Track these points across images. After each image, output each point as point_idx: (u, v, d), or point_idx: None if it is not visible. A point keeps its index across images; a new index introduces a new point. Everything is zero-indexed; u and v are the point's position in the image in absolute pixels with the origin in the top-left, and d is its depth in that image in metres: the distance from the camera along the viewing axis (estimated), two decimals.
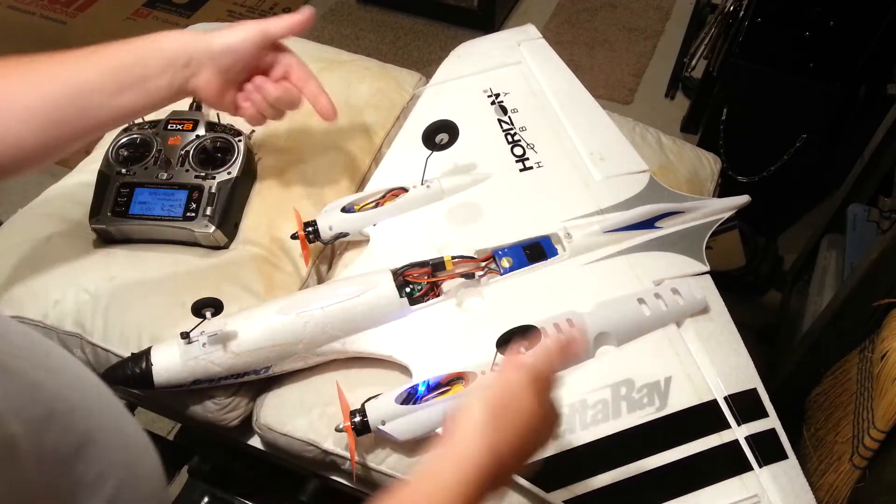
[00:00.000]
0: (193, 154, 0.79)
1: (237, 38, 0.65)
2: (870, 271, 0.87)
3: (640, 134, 0.93)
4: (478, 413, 0.43)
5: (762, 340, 1.45)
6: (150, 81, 0.61)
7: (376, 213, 0.75)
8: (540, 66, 0.89)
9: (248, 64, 0.66)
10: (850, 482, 0.85)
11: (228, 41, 0.64)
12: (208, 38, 0.64)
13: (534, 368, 0.46)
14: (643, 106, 1.97)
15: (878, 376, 0.80)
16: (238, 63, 0.65)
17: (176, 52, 0.62)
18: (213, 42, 0.64)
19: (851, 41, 1.25)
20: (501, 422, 0.43)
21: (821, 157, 1.40)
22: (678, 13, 2.21)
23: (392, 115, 0.93)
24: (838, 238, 1.29)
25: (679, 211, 0.75)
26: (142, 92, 0.61)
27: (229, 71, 0.65)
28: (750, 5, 1.33)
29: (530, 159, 0.80)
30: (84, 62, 0.60)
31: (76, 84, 0.59)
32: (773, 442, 0.62)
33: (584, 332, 0.61)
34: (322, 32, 2.20)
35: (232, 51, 0.64)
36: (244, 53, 0.65)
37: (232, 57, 0.65)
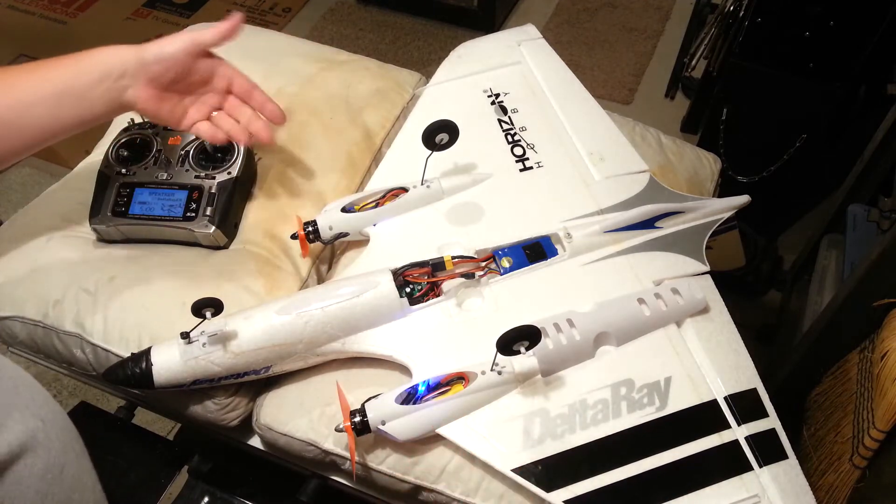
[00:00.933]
0: (193, 154, 0.79)
1: (169, 47, 0.66)
2: (870, 271, 0.87)
3: (640, 134, 0.93)
4: None
5: (762, 340, 1.45)
6: (87, 94, 0.63)
7: (376, 213, 0.75)
8: (540, 66, 0.89)
9: (182, 73, 0.67)
10: (850, 482, 0.85)
11: (160, 50, 0.65)
12: (140, 49, 0.65)
13: None
14: (643, 106, 1.97)
15: (878, 376, 0.80)
16: (170, 71, 0.66)
17: (110, 64, 0.64)
18: (145, 52, 0.65)
19: (851, 41, 1.25)
20: None
21: (821, 157, 1.40)
22: (678, 13, 2.21)
23: (392, 115, 0.93)
24: (838, 238, 1.29)
25: (679, 211, 0.75)
26: (79, 105, 0.63)
27: (163, 80, 0.66)
28: (750, 5, 1.33)
29: (530, 159, 0.80)
30: (24, 77, 0.62)
31: (16, 98, 0.60)
32: (773, 442, 0.62)
33: None
34: (322, 32, 2.20)
35: (164, 59, 0.65)
36: (176, 62, 0.66)
37: (164, 65, 0.66)
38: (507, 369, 0.61)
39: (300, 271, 0.77)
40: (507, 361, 0.62)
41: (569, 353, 0.64)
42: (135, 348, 0.68)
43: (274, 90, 0.92)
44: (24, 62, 2.06)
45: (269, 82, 0.93)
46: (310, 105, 0.91)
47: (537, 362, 0.62)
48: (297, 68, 0.95)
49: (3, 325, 0.74)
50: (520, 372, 0.62)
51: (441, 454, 0.64)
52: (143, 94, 0.66)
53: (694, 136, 1.74)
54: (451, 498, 0.64)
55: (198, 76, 0.69)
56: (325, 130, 0.88)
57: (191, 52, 0.67)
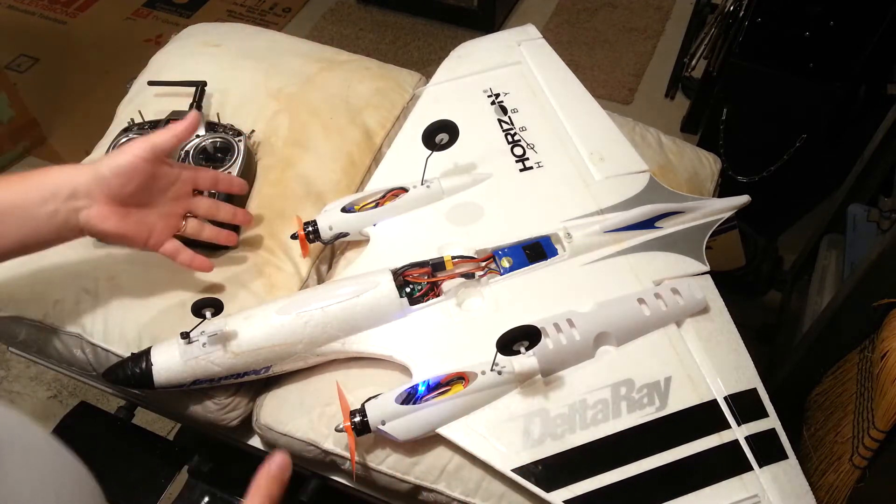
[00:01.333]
0: (193, 154, 0.79)
1: (126, 159, 0.62)
2: (870, 271, 0.87)
3: (640, 134, 0.93)
4: None
5: (762, 340, 1.45)
6: (32, 214, 0.58)
7: (376, 213, 0.75)
8: (540, 66, 0.89)
9: (143, 183, 0.63)
10: (850, 482, 0.85)
11: (117, 163, 0.61)
12: (94, 166, 0.61)
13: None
14: (643, 106, 1.97)
15: (878, 376, 0.80)
16: (130, 183, 0.62)
17: (57, 183, 0.59)
18: (100, 168, 0.61)
19: (851, 41, 1.25)
20: None
21: (821, 157, 1.40)
22: (678, 13, 2.21)
23: (392, 115, 0.93)
24: (838, 238, 1.29)
25: (679, 211, 0.75)
26: (23, 226, 0.58)
27: (123, 194, 0.62)
28: (750, 5, 1.33)
29: (530, 159, 0.80)
30: None
31: None
32: (773, 442, 0.62)
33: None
34: (322, 32, 2.20)
35: (121, 171, 0.61)
36: (136, 172, 0.62)
37: (123, 178, 0.62)
38: (507, 369, 0.61)
39: (300, 271, 0.77)
40: (507, 361, 0.62)
41: (569, 353, 0.64)
42: (135, 348, 0.68)
43: (274, 90, 0.92)
44: (24, 62, 2.06)
45: (269, 82, 0.93)
46: (310, 105, 0.91)
47: (537, 362, 0.62)
48: (297, 68, 0.95)
49: (4, 324, 0.74)
50: (520, 372, 0.62)
51: (441, 454, 0.64)
52: (102, 213, 0.61)
53: (694, 136, 1.74)
54: (452, 498, 0.64)
55: (159, 184, 0.65)
56: (325, 130, 0.88)
57: (149, 160, 0.63)
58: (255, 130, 0.87)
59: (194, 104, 0.87)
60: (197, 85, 0.88)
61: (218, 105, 0.90)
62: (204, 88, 0.88)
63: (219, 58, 0.96)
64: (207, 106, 0.89)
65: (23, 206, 0.58)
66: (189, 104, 0.87)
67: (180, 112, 0.84)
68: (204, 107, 0.88)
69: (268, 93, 0.92)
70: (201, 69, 0.93)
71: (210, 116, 0.87)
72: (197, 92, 0.88)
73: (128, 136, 0.81)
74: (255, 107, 0.90)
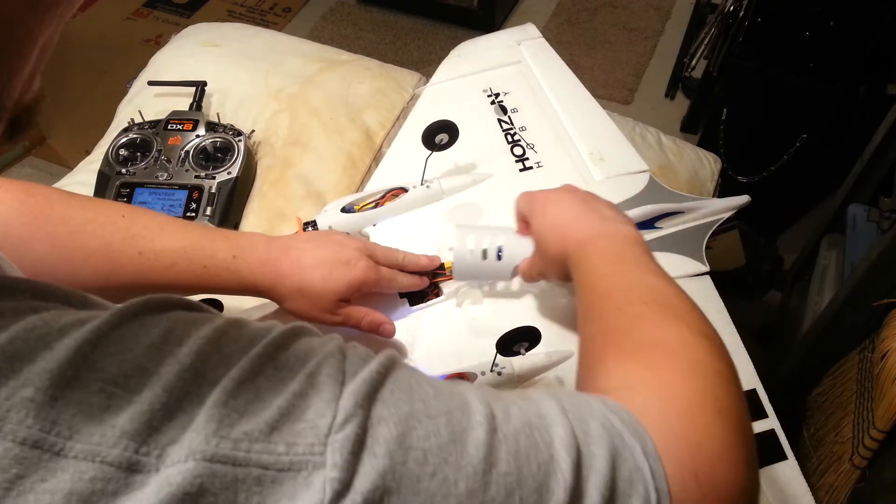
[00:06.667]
0: (193, 154, 0.79)
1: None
2: (870, 271, 0.87)
3: (640, 134, 0.93)
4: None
5: (762, 340, 1.45)
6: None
7: (376, 213, 0.75)
8: (540, 66, 0.89)
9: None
10: (850, 482, 0.85)
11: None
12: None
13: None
14: (643, 106, 1.97)
15: (878, 376, 0.80)
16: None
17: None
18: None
19: (851, 41, 1.25)
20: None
21: (821, 157, 1.40)
22: (678, 13, 2.21)
23: (392, 115, 0.93)
24: (838, 238, 1.29)
25: (679, 211, 0.75)
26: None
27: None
28: (750, 5, 1.33)
29: (530, 159, 0.80)
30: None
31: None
32: (772, 442, 0.62)
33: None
34: (322, 32, 2.20)
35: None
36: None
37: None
38: (506, 370, 0.61)
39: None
40: (506, 362, 0.61)
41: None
42: None
43: (274, 90, 0.92)
44: None
45: (269, 82, 0.93)
46: (310, 105, 0.91)
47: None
48: (297, 68, 0.95)
49: None
50: (520, 373, 0.62)
51: None
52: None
53: (694, 136, 1.74)
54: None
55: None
56: (325, 130, 0.88)
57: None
58: (255, 130, 0.87)
59: (194, 104, 0.87)
60: (197, 85, 0.88)
61: (218, 105, 0.90)
62: (204, 88, 0.88)
63: (219, 58, 0.96)
64: (207, 106, 0.89)
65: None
66: (189, 104, 0.87)
67: (180, 112, 0.84)
68: (204, 107, 0.88)
69: (268, 93, 0.92)
70: (201, 69, 0.93)
71: (210, 116, 0.87)
72: (197, 92, 0.88)
73: (127, 135, 0.81)
74: (255, 107, 0.90)
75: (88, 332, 0.24)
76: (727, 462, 0.32)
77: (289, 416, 0.25)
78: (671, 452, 0.30)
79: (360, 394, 0.26)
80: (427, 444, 0.26)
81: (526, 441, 0.28)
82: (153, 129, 0.82)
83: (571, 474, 0.28)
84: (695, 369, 0.36)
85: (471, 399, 0.29)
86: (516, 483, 0.27)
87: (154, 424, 0.23)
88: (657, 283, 0.43)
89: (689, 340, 0.38)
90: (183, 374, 0.24)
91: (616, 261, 0.47)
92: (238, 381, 0.25)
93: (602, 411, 0.31)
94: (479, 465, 0.26)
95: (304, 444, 0.24)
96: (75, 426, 0.22)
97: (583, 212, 0.53)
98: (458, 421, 0.27)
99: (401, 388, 0.28)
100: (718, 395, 0.34)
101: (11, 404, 0.22)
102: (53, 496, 0.21)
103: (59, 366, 0.23)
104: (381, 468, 0.24)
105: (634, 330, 0.39)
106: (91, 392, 0.23)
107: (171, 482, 0.22)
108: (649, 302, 0.41)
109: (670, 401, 0.33)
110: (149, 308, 0.27)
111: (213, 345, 0.26)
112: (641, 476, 0.29)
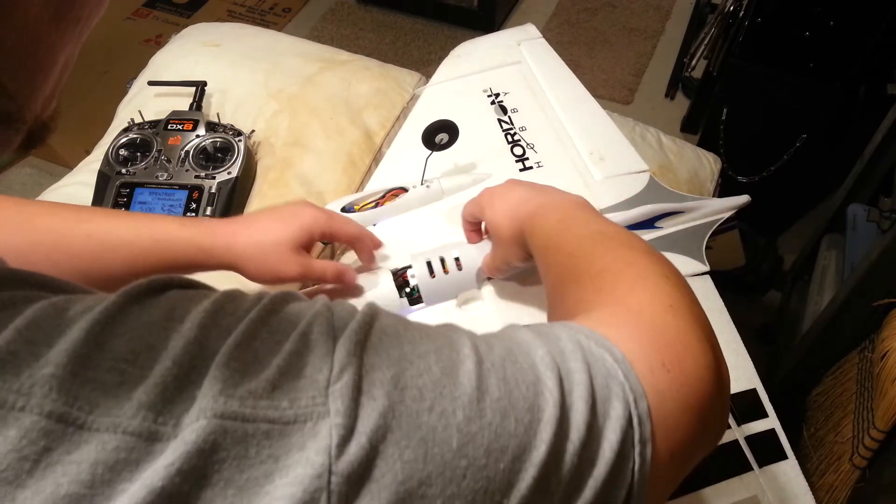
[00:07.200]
0: (193, 154, 0.79)
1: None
2: (870, 271, 0.87)
3: (640, 134, 0.93)
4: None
5: (762, 340, 1.45)
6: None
7: (376, 213, 0.75)
8: (540, 66, 0.89)
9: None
10: (850, 482, 0.85)
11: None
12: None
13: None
14: (643, 106, 1.97)
15: (878, 376, 0.80)
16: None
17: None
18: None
19: (851, 41, 1.25)
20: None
21: (821, 157, 1.40)
22: (678, 13, 2.21)
23: (392, 115, 0.93)
24: (838, 238, 1.29)
25: (679, 211, 0.75)
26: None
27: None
28: (750, 5, 1.33)
29: (530, 159, 0.80)
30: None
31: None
32: (772, 442, 0.62)
33: None
34: (322, 32, 2.20)
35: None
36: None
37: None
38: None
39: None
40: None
41: None
42: None
43: (274, 90, 0.92)
44: None
45: (269, 82, 0.93)
46: (310, 105, 0.91)
47: None
48: (297, 68, 0.95)
49: None
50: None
51: None
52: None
53: (694, 136, 1.75)
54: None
55: None
56: (325, 130, 0.88)
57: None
58: (255, 130, 0.87)
59: (194, 104, 0.87)
60: (197, 85, 0.88)
61: (218, 105, 0.90)
62: (204, 88, 0.88)
63: (219, 58, 0.96)
64: (207, 106, 0.89)
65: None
66: (189, 104, 0.87)
67: (180, 112, 0.84)
68: (204, 107, 0.88)
69: (268, 93, 0.92)
70: (201, 69, 0.93)
71: (210, 116, 0.87)
72: (197, 92, 0.88)
73: (128, 135, 0.81)
74: (255, 107, 0.90)
75: (97, 314, 0.25)
76: (687, 346, 0.34)
77: (287, 373, 0.26)
78: (635, 351, 0.33)
79: (351, 344, 0.27)
80: (421, 382, 0.27)
81: (512, 367, 0.30)
82: (153, 129, 0.82)
83: (557, 390, 0.29)
84: (643, 277, 0.39)
85: (455, 336, 0.31)
86: (509, 406, 0.28)
87: (168, 395, 0.24)
88: (605, 228, 0.47)
89: (634, 259, 0.41)
90: (188, 347, 0.25)
91: (565, 219, 0.50)
92: (236, 345, 0.26)
93: (567, 333, 0.33)
94: (473, 393, 0.28)
95: (306, 398, 0.25)
96: (94, 401, 0.23)
97: (529, 193, 0.57)
98: (447, 357, 0.29)
99: (388, 334, 0.29)
100: (668, 293, 0.37)
101: (34, 381, 0.23)
102: (80, 466, 0.22)
103: (74, 346, 0.24)
104: (381, 408, 0.26)
105: (586, 265, 0.43)
106: (103, 370, 0.24)
107: (185, 441, 0.23)
108: (597, 241, 0.45)
109: (625, 308, 0.37)
110: (151, 290, 0.28)
111: (213, 318, 0.27)
112: (616, 380, 0.31)
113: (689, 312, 0.37)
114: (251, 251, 0.59)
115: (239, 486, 0.23)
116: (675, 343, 0.34)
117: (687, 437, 0.33)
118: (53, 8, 0.26)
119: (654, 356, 0.33)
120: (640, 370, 0.32)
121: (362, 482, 0.24)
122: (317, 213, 0.62)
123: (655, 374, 0.32)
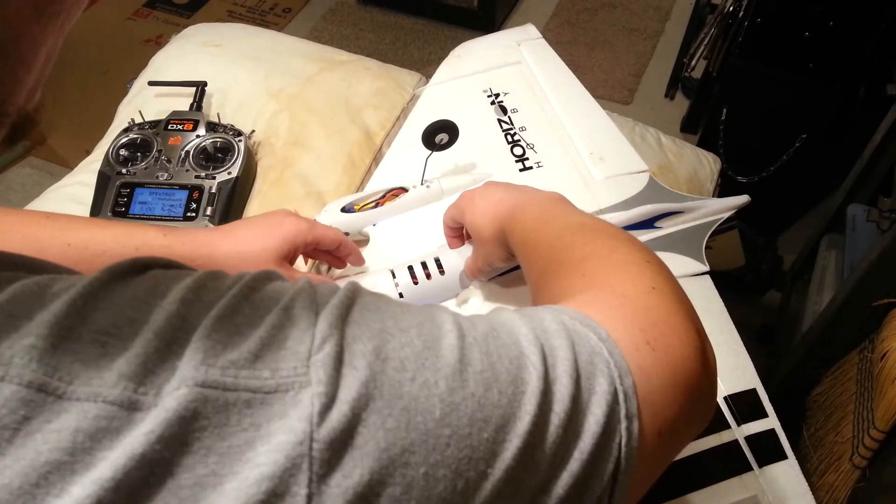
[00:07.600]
0: (194, 154, 0.80)
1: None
2: (870, 271, 0.87)
3: (640, 134, 0.93)
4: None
5: (762, 340, 1.45)
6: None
7: (376, 213, 0.75)
8: (540, 66, 0.89)
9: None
10: (850, 482, 0.85)
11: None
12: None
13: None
14: (643, 106, 1.97)
15: (878, 376, 0.80)
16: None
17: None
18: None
19: (851, 41, 1.25)
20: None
21: (820, 158, 1.40)
22: (678, 13, 2.21)
23: (392, 115, 0.93)
24: (838, 238, 1.29)
25: (678, 211, 0.75)
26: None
27: None
28: (750, 5, 1.33)
29: (530, 159, 0.80)
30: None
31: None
32: (772, 442, 0.62)
33: None
34: (322, 33, 2.20)
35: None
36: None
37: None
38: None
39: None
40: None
41: None
42: None
43: (274, 90, 0.92)
44: None
45: (269, 82, 0.93)
46: (310, 105, 0.91)
47: None
48: (297, 68, 0.95)
49: None
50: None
51: None
52: None
53: (694, 136, 1.75)
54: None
55: None
56: (325, 130, 0.88)
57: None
58: (255, 130, 0.87)
59: (194, 104, 0.87)
60: (197, 85, 0.88)
61: (218, 105, 0.90)
62: (204, 88, 0.88)
63: (219, 58, 0.96)
64: (207, 106, 0.89)
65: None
66: (189, 104, 0.87)
67: (181, 112, 0.84)
68: (204, 107, 0.88)
69: (268, 93, 0.92)
70: (201, 69, 0.93)
71: (210, 116, 0.87)
72: (197, 92, 0.88)
73: (128, 136, 0.81)
74: (255, 107, 0.90)
75: (80, 289, 0.25)
76: (672, 326, 0.35)
77: (269, 345, 0.26)
78: (619, 330, 0.33)
79: (332, 317, 0.28)
80: (403, 354, 0.28)
81: (494, 342, 0.30)
82: (153, 129, 0.82)
83: (541, 364, 0.30)
84: (626, 262, 0.40)
85: (437, 313, 0.31)
86: (493, 378, 0.28)
87: (149, 366, 0.24)
88: (584, 220, 0.47)
89: (616, 246, 0.42)
90: (171, 320, 0.26)
91: (544, 215, 0.51)
92: (217, 318, 0.26)
93: (551, 314, 0.34)
94: (456, 365, 0.28)
95: (287, 368, 0.25)
96: (74, 372, 0.23)
97: (507, 193, 0.57)
98: (429, 331, 0.29)
99: (369, 309, 0.30)
100: (650, 277, 0.38)
101: (14, 351, 0.23)
102: (60, 434, 0.22)
103: (55, 318, 0.24)
104: (363, 378, 0.26)
105: (568, 255, 0.43)
106: (84, 342, 0.24)
107: (166, 408, 0.23)
108: (577, 232, 0.45)
109: (608, 290, 0.37)
110: (135, 268, 0.29)
111: (195, 293, 0.27)
112: (601, 357, 0.31)
113: (672, 294, 0.37)
114: (234, 261, 0.58)
115: (220, 452, 0.23)
116: (659, 323, 0.35)
117: (674, 415, 0.33)
118: (34, 1, 0.26)
119: (638, 335, 0.34)
120: (625, 348, 0.32)
121: (344, 449, 0.24)
122: (299, 223, 0.61)
123: (641, 352, 0.33)
